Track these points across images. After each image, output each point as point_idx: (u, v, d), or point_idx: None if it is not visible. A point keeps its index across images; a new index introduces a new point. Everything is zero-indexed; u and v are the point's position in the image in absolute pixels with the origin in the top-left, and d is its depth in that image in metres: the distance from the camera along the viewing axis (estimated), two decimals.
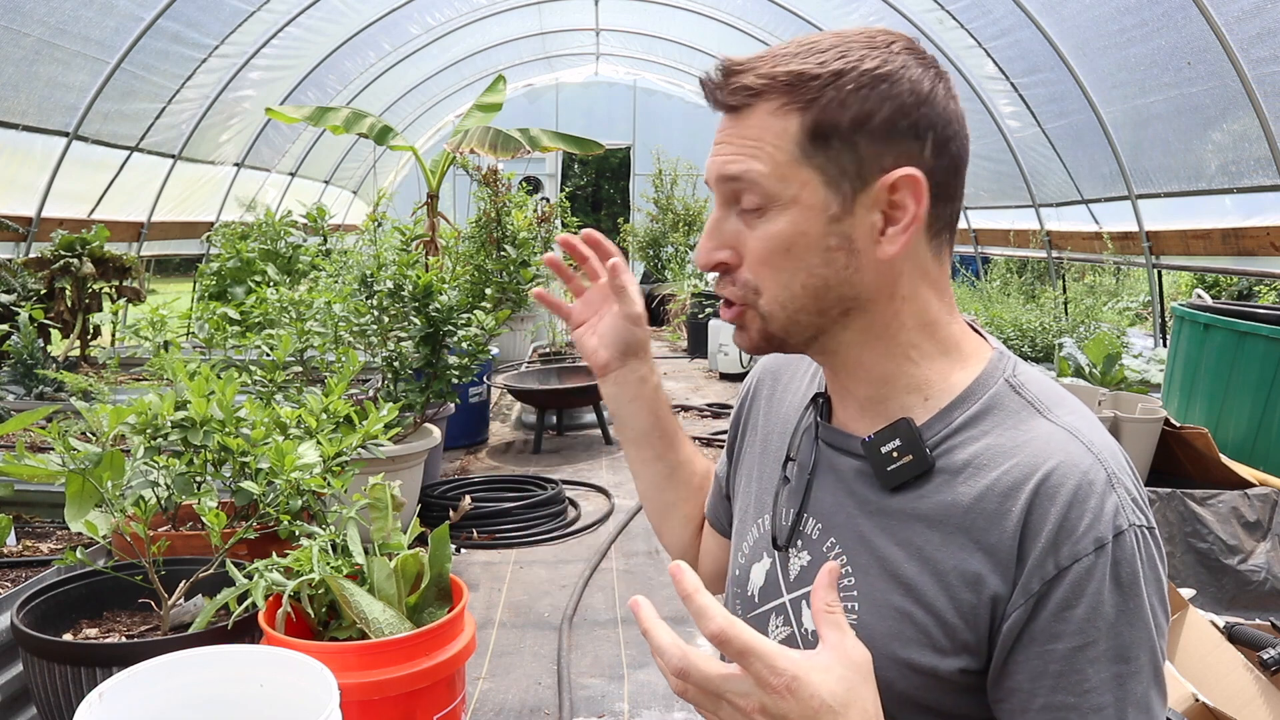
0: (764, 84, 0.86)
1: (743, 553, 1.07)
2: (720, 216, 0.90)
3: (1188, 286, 10.83)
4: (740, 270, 0.90)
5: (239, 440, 2.31)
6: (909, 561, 0.87)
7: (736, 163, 0.87)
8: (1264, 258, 5.14)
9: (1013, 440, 0.86)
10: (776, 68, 0.86)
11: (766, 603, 1.00)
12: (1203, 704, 1.88)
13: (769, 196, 0.86)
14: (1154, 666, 0.82)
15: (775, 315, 0.89)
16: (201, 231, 7.92)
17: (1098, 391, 3.61)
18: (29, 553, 2.62)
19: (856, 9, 8.15)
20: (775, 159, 0.85)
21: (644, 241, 12.70)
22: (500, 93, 6.45)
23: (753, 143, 0.86)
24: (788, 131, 0.85)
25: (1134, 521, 0.82)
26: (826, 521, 0.95)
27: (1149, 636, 0.82)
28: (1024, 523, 0.82)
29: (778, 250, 0.87)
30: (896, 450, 0.89)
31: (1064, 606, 0.80)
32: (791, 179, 0.85)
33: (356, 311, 4.11)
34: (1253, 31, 4.64)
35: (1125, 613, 0.81)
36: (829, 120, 0.84)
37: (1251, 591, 3.06)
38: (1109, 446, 0.86)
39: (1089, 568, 0.80)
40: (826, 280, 0.87)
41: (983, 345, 0.95)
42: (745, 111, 0.87)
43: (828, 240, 0.86)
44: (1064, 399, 0.90)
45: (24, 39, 5.01)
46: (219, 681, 1.31)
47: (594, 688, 2.90)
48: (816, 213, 0.86)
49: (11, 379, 4.25)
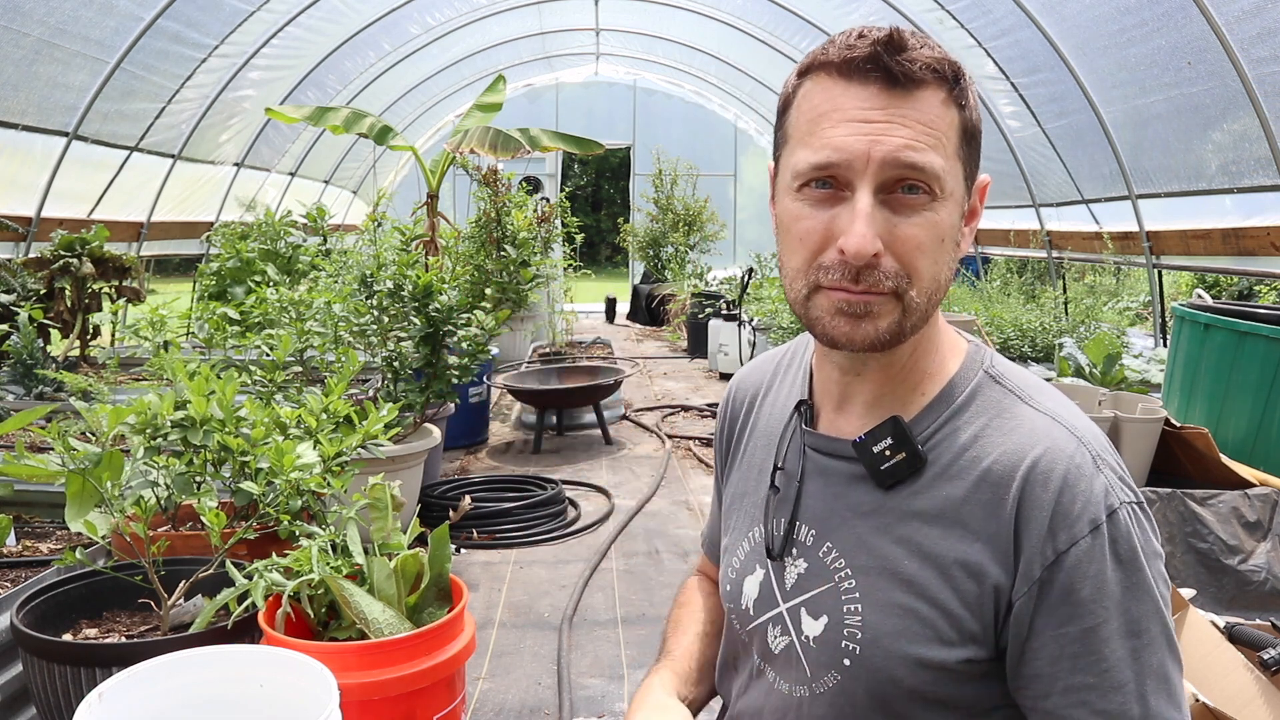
0: (937, 69, 0.83)
1: (733, 568, 1.06)
2: (876, 202, 0.83)
3: (1188, 286, 10.83)
4: (884, 259, 0.84)
5: (239, 440, 2.31)
6: (909, 558, 0.88)
7: (921, 152, 0.82)
8: (1264, 258, 5.13)
9: (999, 429, 0.88)
10: (936, 54, 0.84)
11: (762, 614, 1.00)
12: (1203, 704, 1.88)
13: (942, 189, 0.85)
14: (1166, 636, 0.83)
15: (918, 307, 0.87)
16: (201, 231, 7.91)
17: (1098, 391, 3.61)
18: (29, 553, 2.62)
19: (856, 9, 8.15)
20: (948, 151, 0.85)
21: (644, 241, 12.70)
22: (500, 93, 6.44)
23: (931, 131, 0.83)
24: (954, 125, 0.85)
25: (1124, 499, 0.84)
26: (820, 527, 0.95)
27: (1157, 607, 0.83)
28: (1018, 510, 0.84)
29: (936, 241, 0.85)
30: (889, 449, 0.89)
31: (1069, 590, 0.82)
32: (952, 172, 0.86)
33: (356, 311, 4.11)
34: (1253, 31, 4.63)
35: (1130, 588, 0.82)
36: (973, 120, 0.88)
37: (1251, 591, 3.06)
38: (1090, 429, 0.88)
39: (1088, 549, 0.81)
40: (950, 273, 0.90)
41: (959, 338, 0.98)
42: (913, 91, 0.83)
43: (957, 235, 0.89)
44: (1042, 387, 0.93)
45: (24, 39, 5.01)
46: (219, 682, 1.31)
47: (594, 688, 2.90)
48: (958, 208, 0.88)
49: (11, 379, 4.25)
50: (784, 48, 10.10)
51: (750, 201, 14.84)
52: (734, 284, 9.73)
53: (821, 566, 0.93)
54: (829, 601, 0.92)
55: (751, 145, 14.71)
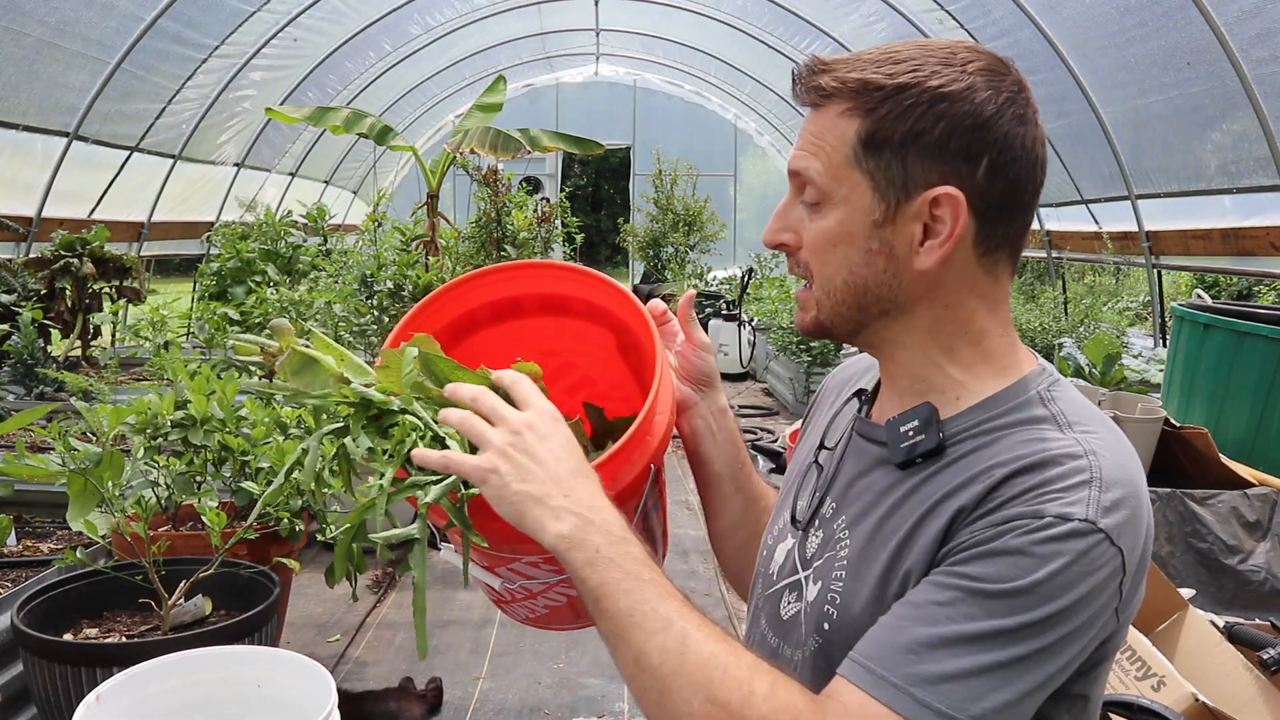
0: (835, 87, 0.91)
1: (771, 534, 1.11)
2: (789, 202, 0.96)
3: (1188, 286, 10.83)
4: (800, 254, 0.95)
5: (239, 440, 2.32)
6: (896, 534, 0.89)
7: (800, 158, 0.92)
8: (1264, 258, 5.13)
9: (1021, 439, 0.87)
10: (851, 73, 0.90)
11: (782, 579, 1.03)
12: (1203, 704, 1.88)
13: (823, 193, 0.91)
14: (1001, 655, 0.78)
15: (823, 303, 0.95)
16: (201, 231, 7.92)
17: (1097, 391, 3.61)
18: (29, 553, 2.62)
19: (856, 9, 8.14)
20: (832, 159, 0.90)
21: (644, 241, 12.69)
22: (500, 93, 6.44)
23: (817, 140, 0.92)
24: (846, 135, 0.90)
25: (1091, 519, 0.79)
26: (840, 502, 0.99)
27: (1028, 635, 0.78)
28: (998, 485, 0.84)
29: (826, 244, 0.92)
30: (912, 430, 0.92)
31: (985, 554, 0.81)
32: (844, 180, 0.90)
33: (357, 311, 4.11)
34: (1253, 32, 4.64)
35: (1022, 595, 0.78)
36: (883, 131, 0.88)
37: (1251, 591, 3.06)
38: (1115, 461, 0.84)
39: (1025, 529, 0.80)
40: (866, 280, 0.92)
41: (1028, 361, 0.96)
42: (819, 110, 0.92)
43: (869, 243, 0.91)
44: (1092, 418, 0.90)
45: (24, 39, 5.02)
46: (217, 682, 1.31)
47: (594, 688, 2.90)
48: (862, 215, 0.90)
49: (12, 379, 4.25)
50: (784, 48, 10.10)
51: (750, 201, 14.83)
52: (734, 284, 9.72)
53: (832, 537, 0.97)
54: (826, 569, 0.96)
55: (751, 145, 14.70)
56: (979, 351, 0.94)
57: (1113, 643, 0.87)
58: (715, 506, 1.24)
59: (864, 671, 0.81)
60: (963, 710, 0.77)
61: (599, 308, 1.21)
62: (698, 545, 4.11)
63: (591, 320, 1.24)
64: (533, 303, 1.23)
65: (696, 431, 1.20)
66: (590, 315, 1.23)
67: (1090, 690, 0.90)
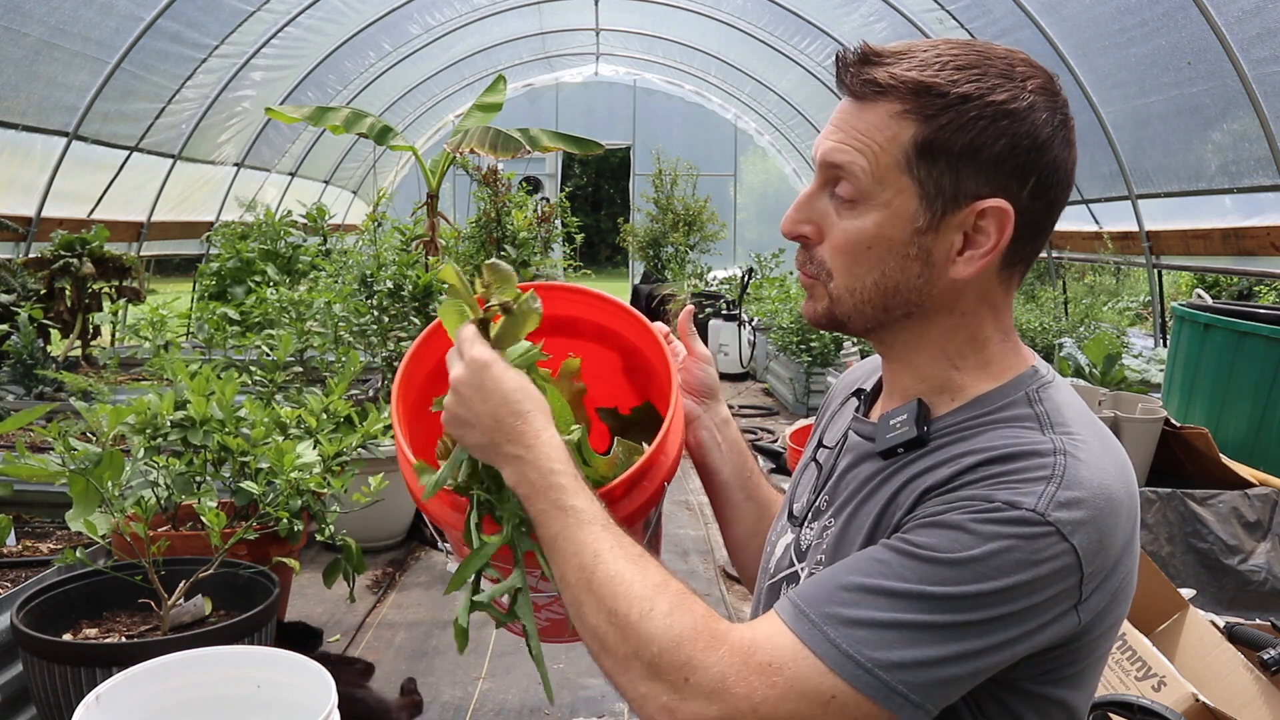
0: (890, 84, 0.87)
1: (774, 531, 1.12)
2: (814, 193, 0.92)
3: (1188, 286, 10.83)
4: (819, 249, 0.93)
5: (239, 440, 2.31)
6: (871, 515, 0.91)
7: (844, 152, 0.89)
8: (1264, 258, 5.13)
9: (1000, 435, 0.87)
10: (909, 71, 0.87)
11: (780, 573, 1.05)
12: (1203, 704, 1.88)
13: (863, 193, 0.89)
14: (921, 623, 0.78)
15: (843, 300, 0.93)
16: (201, 231, 7.91)
17: (1098, 391, 3.61)
18: (29, 553, 2.62)
19: (856, 8, 8.14)
20: (879, 160, 0.88)
21: (644, 241, 12.68)
22: (500, 93, 6.43)
23: (864, 137, 0.88)
24: (899, 138, 0.87)
25: (1040, 511, 0.78)
26: (832, 496, 1.00)
27: (952, 607, 0.78)
28: (964, 471, 0.84)
29: (859, 245, 0.90)
30: (900, 422, 0.93)
31: (929, 524, 0.81)
32: (889, 183, 0.88)
33: (356, 312, 4.11)
34: (1253, 31, 4.63)
35: (954, 567, 0.78)
36: (942, 141, 0.86)
37: (1251, 591, 3.06)
38: (1092, 465, 0.83)
39: (972, 508, 0.80)
40: (898, 284, 0.90)
41: (1024, 362, 0.96)
42: (868, 103, 0.89)
43: (908, 249, 0.89)
44: (1078, 422, 0.89)
45: (24, 39, 5.01)
46: (217, 682, 1.31)
47: (594, 688, 2.90)
48: (904, 221, 0.88)
49: (11, 379, 4.25)
50: (784, 48, 10.10)
51: (750, 201, 14.82)
52: (734, 284, 9.72)
53: (821, 528, 0.99)
54: (811, 556, 0.98)
55: (751, 145, 14.70)
56: (980, 357, 0.95)
57: (1088, 648, 0.85)
58: (728, 514, 1.25)
59: (789, 605, 0.83)
60: (864, 655, 0.78)
61: (609, 330, 1.26)
62: (698, 545, 4.10)
63: (599, 342, 1.28)
64: (544, 322, 1.26)
65: (702, 443, 1.21)
66: (599, 338, 1.27)
67: (1072, 697, 0.88)
